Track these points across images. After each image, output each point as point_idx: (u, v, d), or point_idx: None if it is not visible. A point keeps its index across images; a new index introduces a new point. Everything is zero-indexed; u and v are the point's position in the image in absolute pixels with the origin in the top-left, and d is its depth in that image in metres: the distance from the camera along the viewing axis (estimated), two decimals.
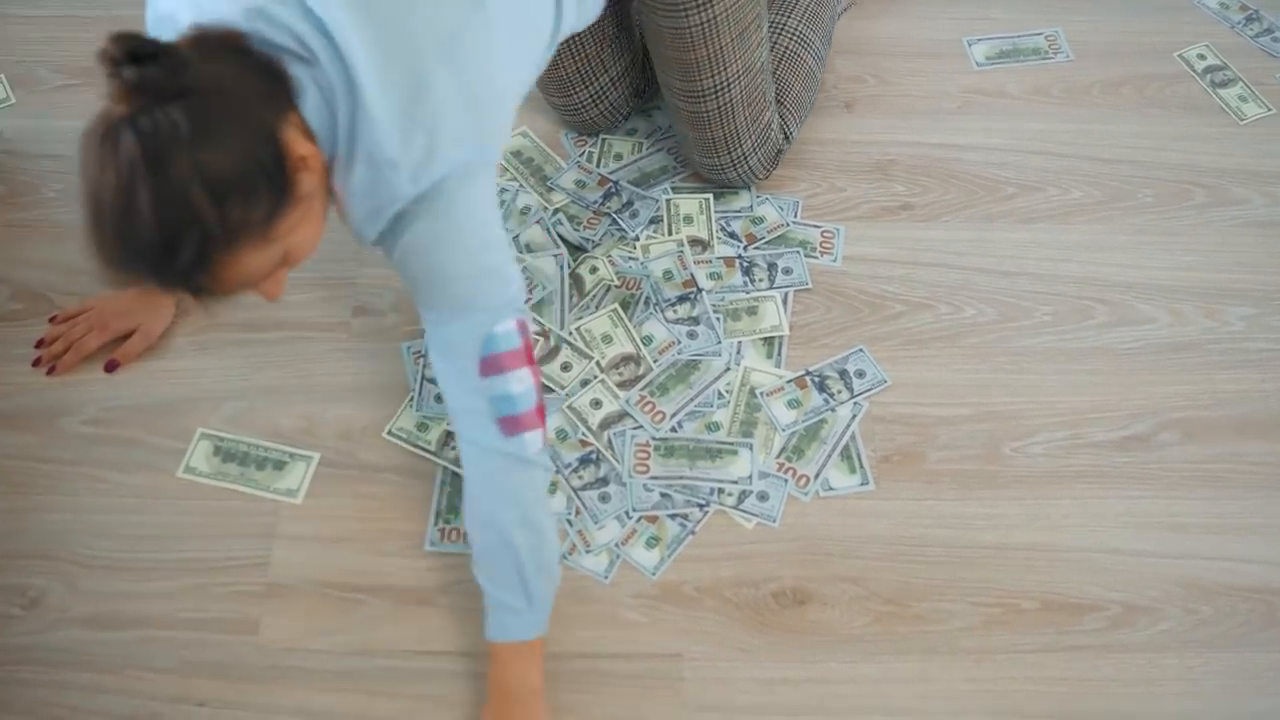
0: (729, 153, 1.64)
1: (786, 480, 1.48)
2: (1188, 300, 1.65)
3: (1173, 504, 1.48)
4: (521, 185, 1.73)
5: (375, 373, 1.56)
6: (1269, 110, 1.85)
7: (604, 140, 1.79)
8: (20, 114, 1.82)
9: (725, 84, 1.56)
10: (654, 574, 1.41)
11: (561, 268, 1.63)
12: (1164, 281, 1.67)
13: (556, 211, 1.70)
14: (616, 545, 1.43)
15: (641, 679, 1.35)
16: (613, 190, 1.73)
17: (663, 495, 1.47)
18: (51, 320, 1.58)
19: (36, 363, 1.56)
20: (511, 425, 1.22)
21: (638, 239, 1.68)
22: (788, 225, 1.70)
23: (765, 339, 1.59)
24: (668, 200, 1.71)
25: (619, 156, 1.78)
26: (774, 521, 1.45)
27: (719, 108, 1.58)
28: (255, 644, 1.37)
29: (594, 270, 1.64)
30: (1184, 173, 1.78)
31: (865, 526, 1.45)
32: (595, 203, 1.71)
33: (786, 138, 1.72)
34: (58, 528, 1.44)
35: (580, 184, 1.73)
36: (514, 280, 1.23)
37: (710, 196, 1.71)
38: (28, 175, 1.75)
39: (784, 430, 1.51)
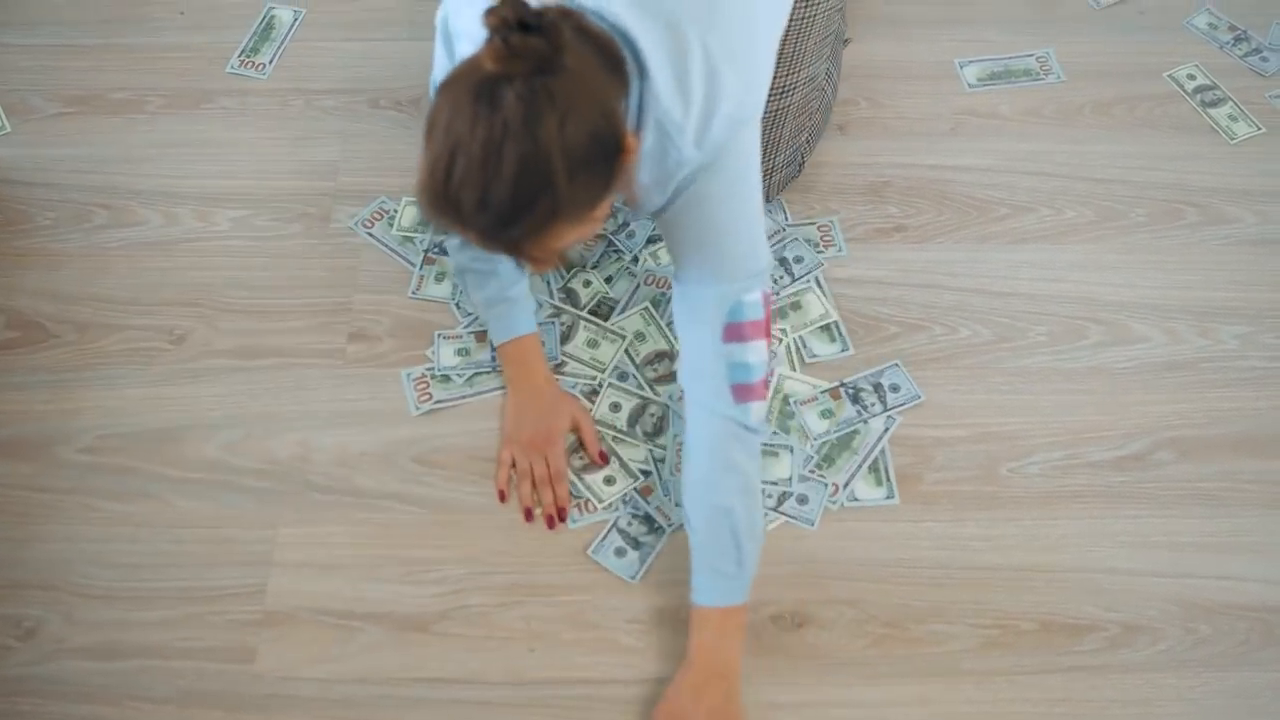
0: (765, 161, 1.64)
1: (825, 484, 1.49)
2: (1182, 319, 1.65)
3: (1170, 523, 1.48)
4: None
5: (371, 399, 1.56)
6: (1259, 129, 1.86)
7: None
8: (15, 143, 1.82)
9: (791, 86, 1.57)
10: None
11: (549, 282, 1.64)
12: (1158, 300, 1.67)
13: None
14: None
15: (641, 704, 1.35)
16: (611, 211, 1.72)
17: None
18: (503, 498, 1.49)
19: (550, 524, 1.47)
20: (743, 393, 1.30)
21: (636, 259, 1.68)
22: (784, 229, 1.72)
23: (822, 327, 1.62)
24: None
25: None
26: (812, 524, 1.46)
27: (775, 111, 1.59)
28: (252, 673, 1.36)
29: (588, 284, 1.64)
30: (1176, 192, 1.79)
31: (863, 548, 1.45)
32: (613, 231, 1.71)
33: (801, 165, 1.73)
34: (54, 557, 1.44)
35: None
36: (767, 253, 1.32)
37: None
38: (23, 204, 1.75)
39: (816, 439, 1.52)
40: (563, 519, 1.47)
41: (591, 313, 1.63)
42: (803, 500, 1.48)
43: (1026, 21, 2.02)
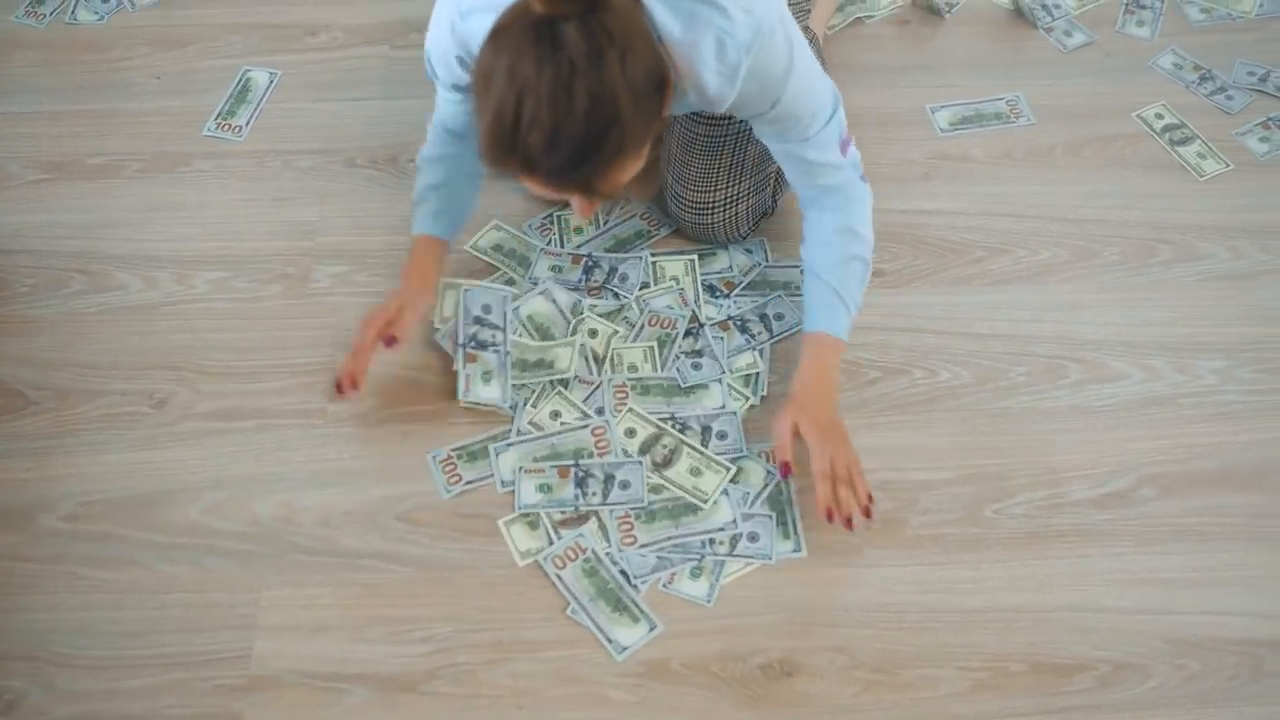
0: (728, 187, 1.67)
1: (771, 516, 1.50)
2: (1159, 355, 1.67)
3: (1155, 559, 1.48)
4: (512, 276, 1.73)
5: (354, 458, 1.56)
6: (1228, 166, 1.89)
7: (559, 218, 1.80)
8: None
9: None
10: (709, 601, 1.43)
11: (576, 351, 1.62)
12: (1135, 338, 1.68)
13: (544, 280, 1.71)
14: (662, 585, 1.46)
15: None
16: (590, 264, 1.74)
17: (659, 558, 1.46)
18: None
19: (338, 389, 1.54)
20: (863, 173, 1.53)
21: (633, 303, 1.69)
22: (760, 266, 1.74)
23: (744, 376, 1.63)
24: (653, 263, 1.73)
25: (580, 230, 1.79)
26: (770, 559, 1.46)
27: (740, 131, 1.63)
28: None
29: (594, 334, 1.64)
30: (1149, 230, 1.81)
31: (849, 594, 1.45)
32: (579, 281, 1.72)
33: (775, 202, 1.75)
34: (36, 627, 1.42)
35: (556, 269, 1.74)
36: (831, 82, 1.45)
37: (695, 257, 1.73)
38: (1, 270, 1.75)
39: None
40: (355, 387, 1.53)
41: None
42: (754, 538, 1.48)
43: (995, 66, 2.05)
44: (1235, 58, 2.04)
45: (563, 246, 1.77)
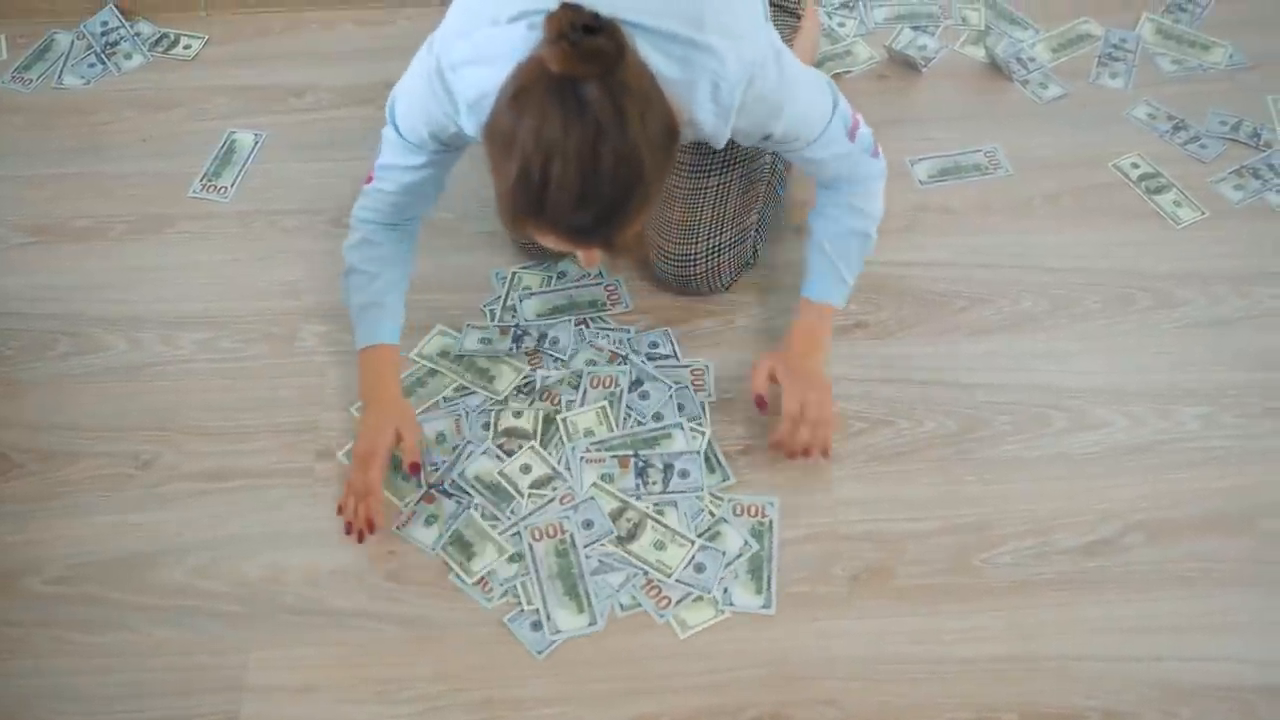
0: (709, 238, 1.68)
1: (723, 553, 1.51)
2: (1142, 402, 1.68)
3: (1144, 606, 1.48)
4: (462, 383, 1.69)
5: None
6: (1203, 213, 1.91)
7: (515, 275, 1.80)
8: None
9: (733, 160, 1.63)
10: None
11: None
12: (1117, 385, 1.70)
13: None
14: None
15: None
16: (519, 332, 1.73)
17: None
18: (339, 511, 1.52)
19: (359, 537, 1.49)
20: (876, 151, 1.56)
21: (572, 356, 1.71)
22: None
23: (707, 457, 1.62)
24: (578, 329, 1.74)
25: (528, 288, 1.79)
26: (709, 592, 1.47)
27: (719, 185, 1.65)
28: None
29: (518, 415, 1.64)
30: (1128, 278, 1.83)
31: (838, 646, 1.45)
32: (511, 350, 1.71)
33: (755, 254, 1.77)
34: (22, 693, 1.41)
35: (486, 340, 1.72)
36: (825, 78, 1.49)
37: (632, 331, 1.74)
38: None
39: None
40: (372, 531, 1.48)
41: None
42: (700, 568, 1.49)
43: (972, 118, 2.07)
44: (1207, 107, 2.07)
45: (505, 301, 1.77)
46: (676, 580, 1.48)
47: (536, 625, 1.45)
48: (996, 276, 1.83)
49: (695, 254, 1.70)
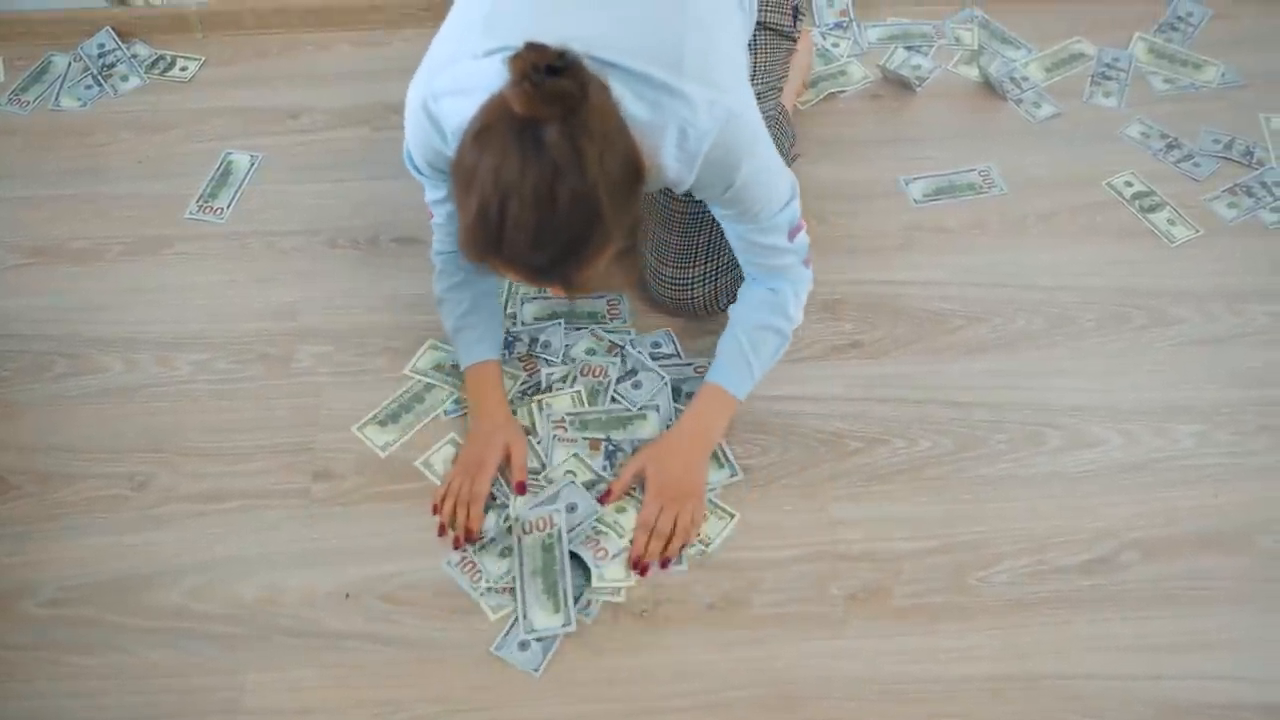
0: (707, 262, 1.69)
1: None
2: (1137, 420, 1.68)
3: (1140, 625, 1.48)
4: (459, 396, 1.71)
5: (338, 538, 1.56)
6: (1198, 232, 1.92)
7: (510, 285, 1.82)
8: None
9: None
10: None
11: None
12: (1112, 403, 1.70)
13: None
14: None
15: None
16: (510, 339, 1.75)
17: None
18: (435, 511, 1.58)
19: (456, 544, 1.55)
20: (808, 261, 1.54)
21: (567, 360, 1.73)
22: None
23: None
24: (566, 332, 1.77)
25: (529, 294, 1.81)
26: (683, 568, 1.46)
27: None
28: None
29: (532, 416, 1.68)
30: (1123, 296, 1.83)
31: (837, 667, 1.45)
32: (505, 357, 1.72)
33: None
34: (15, 716, 1.41)
35: None
36: (790, 173, 1.47)
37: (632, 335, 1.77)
38: None
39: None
40: (470, 540, 1.54)
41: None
42: (572, 508, 1.56)
43: (967, 138, 2.08)
44: (1200, 126, 2.08)
45: (505, 307, 1.79)
46: (629, 542, 1.54)
47: (524, 645, 1.45)
48: (991, 295, 1.83)
49: (693, 278, 1.70)
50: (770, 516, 1.58)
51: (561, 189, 1.10)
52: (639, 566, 1.51)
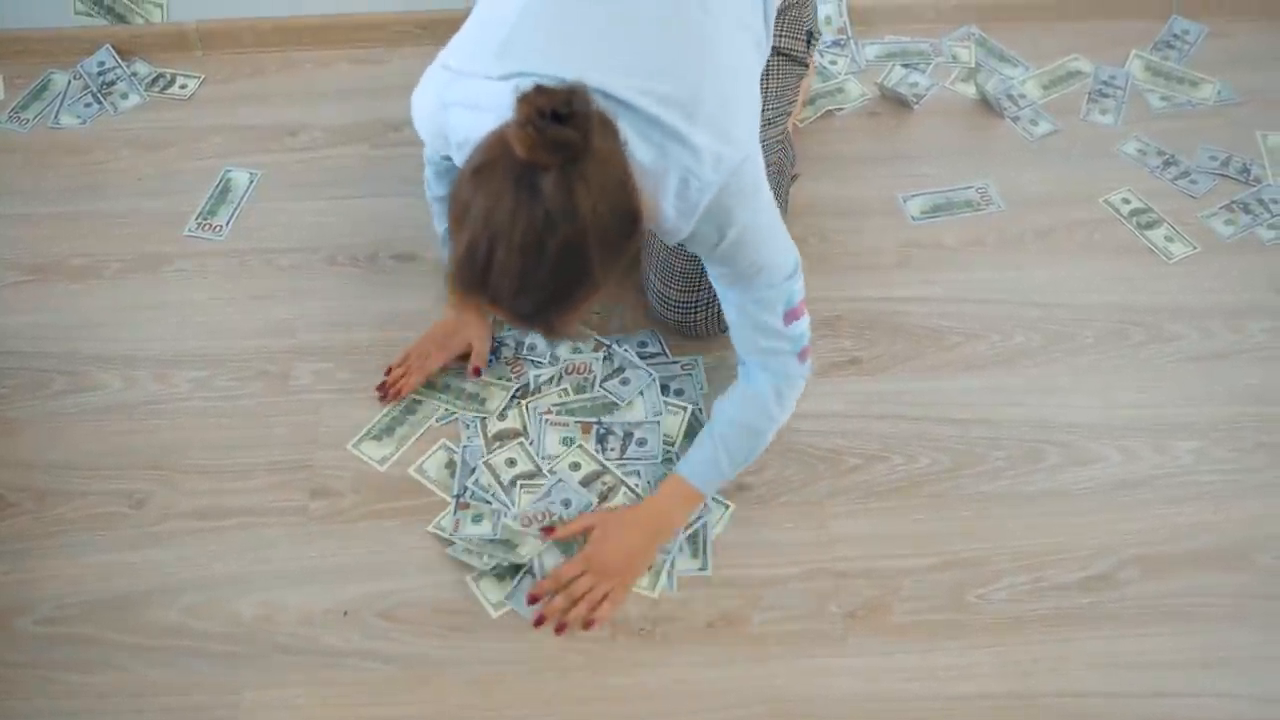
0: (709, 288, 1.68)
1: None
2: (1135, 437, 1.68)
3: (1139, 642, 1.48)
4: (458, 412, 1.71)
5: (335, 555, 1.55)
6: (1195, 248, 1.92)
7: None
8: None
9: None
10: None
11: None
12: (1111, 420, 1.70)
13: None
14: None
15: None
16: (496, 343, 1.76)
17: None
18: (387, 372, 1.72)
19: (383, 396, 1.70)
20: (804, 354, 1.46)
21: (553, 361, 1.75)
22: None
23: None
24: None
25: None
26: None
27: None
28: None
29: (502, 418, 1.69)
30: (1121, 312, 1.84)
31: (836, 685, 1.44)
32: (491, 360, 1.74)
33: None
34: None
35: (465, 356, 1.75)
36: (794, 246, 1.42)
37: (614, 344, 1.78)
38: None
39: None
40: (397, 398, 1.70)
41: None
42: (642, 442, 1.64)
43: (964, 155, 2.08)
44: (1197, 143, 2.09)
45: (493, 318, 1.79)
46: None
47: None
48: (989, 312, 1.83)
49: (697, 301, 1.70)
50: (769, 534, 1.58)
51: (551, 239, 1.07)
52: (539, 618, 1.49)
